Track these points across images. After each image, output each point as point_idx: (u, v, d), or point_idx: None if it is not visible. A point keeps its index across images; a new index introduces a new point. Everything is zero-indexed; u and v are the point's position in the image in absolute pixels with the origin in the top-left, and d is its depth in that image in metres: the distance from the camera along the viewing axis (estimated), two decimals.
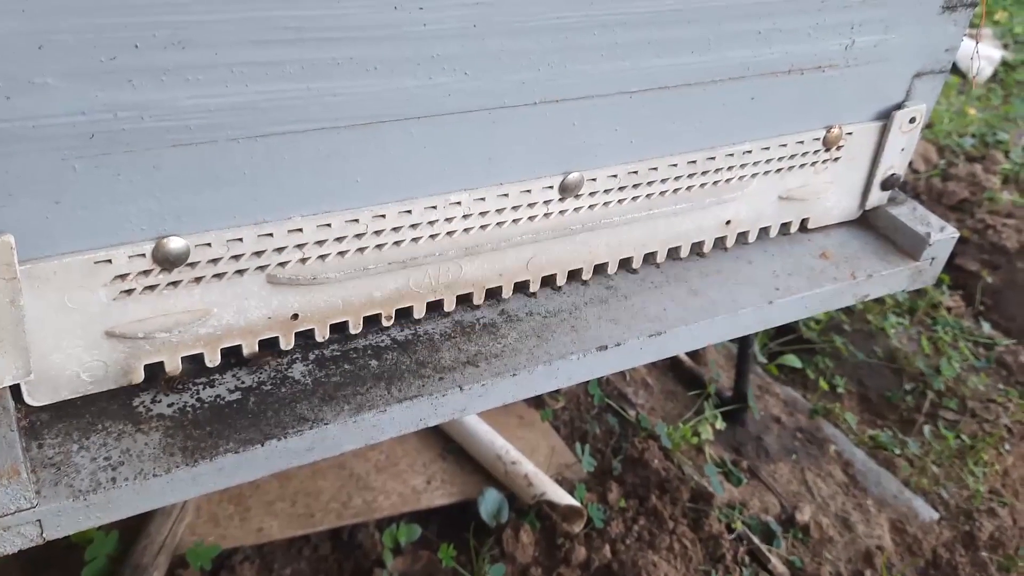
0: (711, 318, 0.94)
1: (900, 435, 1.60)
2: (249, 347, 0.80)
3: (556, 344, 0.88)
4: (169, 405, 0.76)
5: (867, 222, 1.11)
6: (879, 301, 1.86)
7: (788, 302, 0.99)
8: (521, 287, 0.93)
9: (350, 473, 1.37)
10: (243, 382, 0.79)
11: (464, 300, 0.90)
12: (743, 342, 1.52)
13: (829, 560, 1.37)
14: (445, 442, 1.46)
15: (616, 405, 1.58)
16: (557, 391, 1.61)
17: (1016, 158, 2.36)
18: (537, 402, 1.58)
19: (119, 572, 1.09)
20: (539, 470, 1.40)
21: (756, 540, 1.36)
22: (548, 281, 0.95)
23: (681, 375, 1.68)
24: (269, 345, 0.82)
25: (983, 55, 2.95)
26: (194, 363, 0.79)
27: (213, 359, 0.78)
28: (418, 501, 1.35)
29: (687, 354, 1.70)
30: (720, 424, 1.53)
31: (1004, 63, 3.07)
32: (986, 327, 1.86)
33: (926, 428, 1.61)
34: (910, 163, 2.31)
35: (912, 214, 1.08)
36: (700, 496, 1.41)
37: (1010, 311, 1.93)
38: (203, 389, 0.78)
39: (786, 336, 1.77)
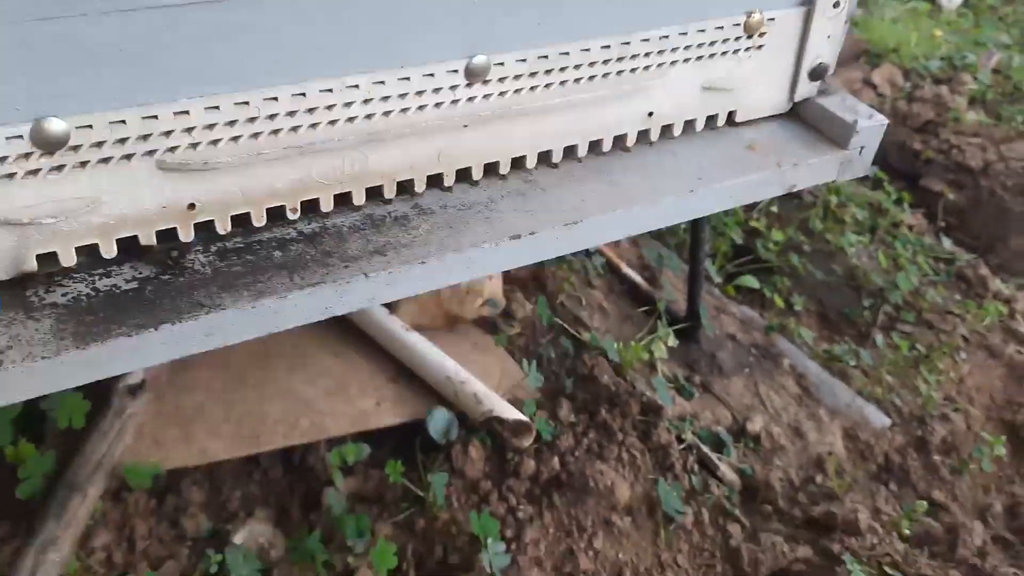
0: (629, 208, 0.93)
1: (855, 347, 1.59)
2: (146, 238, 0.79)
3: (469, 234, 0.87)
4: (63, 295, 0.75)
5: (797, 115, 1.10)
6: (839, 220, 1.84)
7: (711, 192, 0.98)
8: (436, 181, 0.92)
9: (298, 398, 1.36)
10: (140, 272, 0.78)
11: (375, 194, 0.89)
12: (694, 259, 1.51)
13: (780, 467, 1.37)
14: (396, 367, 1.45)
15: (571, 329, 1.57)
16: (512, 318, 1.60)
17: (984, 79, 2.33)
18: (492, 327, 1.57)
19: (54, 490, 1.09)
20: (489, 389, 1.40)
21: (706, 449, 1.36)
22: (464, 176, 0.93)
23: (637, 298, 1.67)
24: (170, 237, 0.81)
25: None
26: (91, 255, 0.78)
27: (109, 250, 0.77)
28: (367, 422, 1.35)
29: (643, 277, 1.69)
30: (673, 342, 1.52)
31: None
32: (947, 243, 1.85)
33: (880, 338, 1.61)
34: (875, 87, 2.29)
35: (841, 103, 1.07)
36: (650, 409, 1.41)
37: (975, 229, 1.92)
38: (99, 279, 0.77)
39: (744, 257, 1.77)
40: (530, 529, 1.27)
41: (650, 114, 1.00)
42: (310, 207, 0.86)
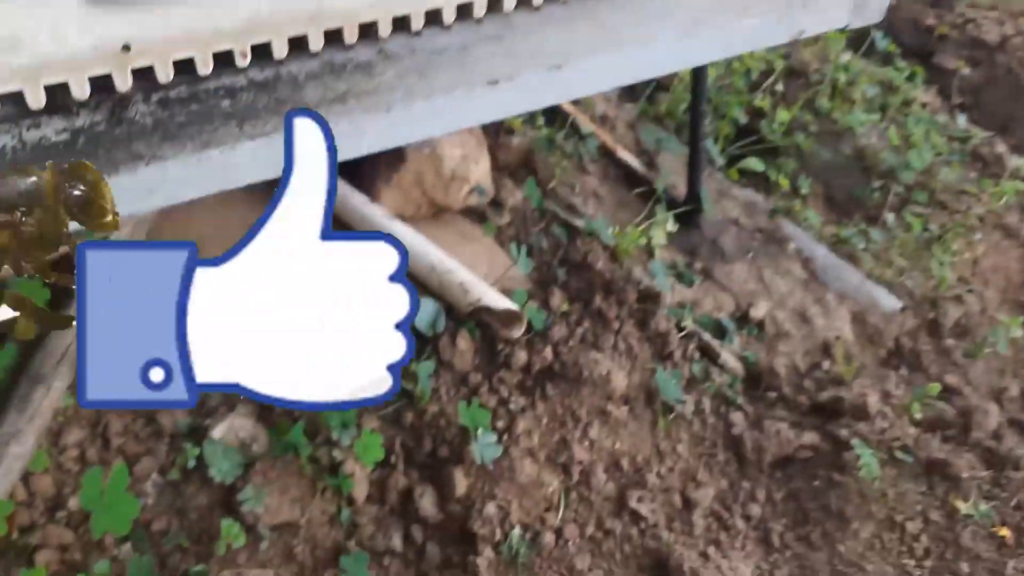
0: (619, 50, 0.84)
1: (865, 228, 1.51)
2: (78, 85, 0.70)
3: (439, 80, 0.78)
4: None
5: None
6: (847, 99, 1.74)
7: (711, 36, 0.88)
8: (403, 25, 0.82)
9: None
10: (73, 124, 0.70)
11: (335, 39, 0.80)
12: (694, 135, 1.42)
13: (785, 353, 1.31)
14: None
15: (563, 216, 1.49)
16: (501, 206, 1.52)
17: None
18: (480, 217, 1.49)
19: (17, 383, 1.03)
20: (475, 277, 1.32)
21: (707, 337, 1.30)
22: (435, 19, 0.84)
23: (634, 184, 1.59)
24: (106, 89, 0.72)
25: None
26: (18, 105, 0.69)
27: (36, 98, 0.69)
28: None
29: (640, 160, 1.60)
30: (672, 227, 1.44)
31: None
32: (962, 121, 1.75)
33: (891, 219, 1.53)
34: None
35: None
36: (648, 297, 1.34)
37: (991, 106, 1.82)
38: (26, 131, 0.69)
39: (747, 139, 1.67)
40: (522, 420, 1.22)
41: None
42: (263, 53, 0.77)
